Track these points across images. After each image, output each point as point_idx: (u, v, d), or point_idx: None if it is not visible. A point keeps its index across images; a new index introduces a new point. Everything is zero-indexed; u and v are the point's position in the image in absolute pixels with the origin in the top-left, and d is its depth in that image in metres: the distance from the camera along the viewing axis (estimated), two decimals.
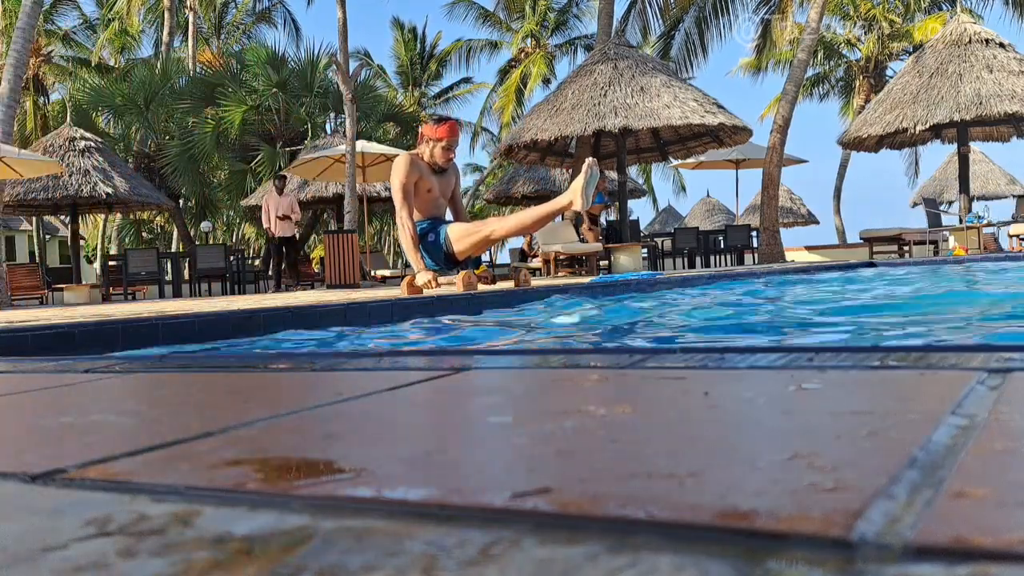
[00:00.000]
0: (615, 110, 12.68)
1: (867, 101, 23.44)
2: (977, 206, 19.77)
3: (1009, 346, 1.16)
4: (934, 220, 13.89)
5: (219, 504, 0.55)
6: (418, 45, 32.26)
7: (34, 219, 25.82)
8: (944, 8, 23.36)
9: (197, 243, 20.40)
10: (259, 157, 18.02)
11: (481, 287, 5.63)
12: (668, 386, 1.02)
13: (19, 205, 16.12)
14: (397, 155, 14.00)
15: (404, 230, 5.65)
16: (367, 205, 15.36)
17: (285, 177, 13.02)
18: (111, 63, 26.12)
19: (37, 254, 26.09)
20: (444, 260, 5.74)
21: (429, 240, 5.73)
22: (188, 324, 3.14)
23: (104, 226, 26.12)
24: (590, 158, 5.27)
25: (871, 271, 7.58)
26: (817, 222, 27.26)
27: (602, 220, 13.51)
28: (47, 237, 33.40)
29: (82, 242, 25.48)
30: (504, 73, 29.16)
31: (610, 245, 13.25)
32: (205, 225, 21.06)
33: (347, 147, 12.96)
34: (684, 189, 36.29)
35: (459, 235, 5.65)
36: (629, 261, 12.91)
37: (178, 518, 0.52)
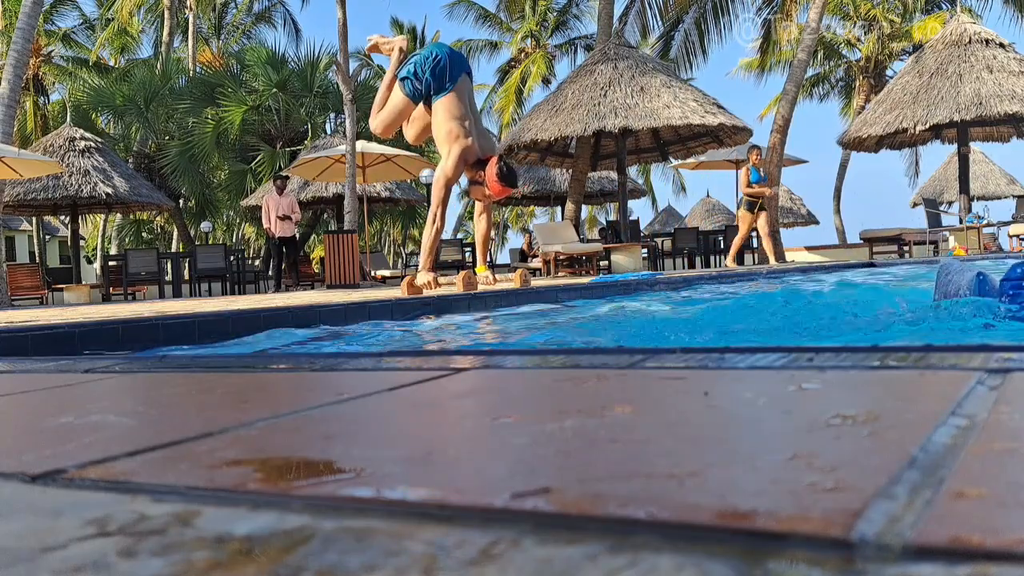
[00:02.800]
0: (615, 110, 12.68)
1: (867, 101, 23.42)
2: (977, 206, 19.76)
3: (1009, 346, 1.16)
4: (934, 220, 13.90)
5: (219, 504, 0.55)
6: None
7: (34, 219, 25.82)
8: (944, 8, 23.35)
9: (197, 243, 20.40)
10: (259, 157, 18.02)
11: (481, 287, 5.63)
12: (668, 386, 1.02)
13: (19, 205, 16.12)
14: (397, 155, 14.10)
15: (431, 225, 5.61)
16: (367, 205, 15.35)
17: (286, 177, 13.01)
18: (111, 63, 26.11)
19: (37, 254, 26.09)
20: None
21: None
22: (190, 324, 3.14)
23: (104, 226, 26.11)
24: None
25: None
26: (817, 222, 27.25)
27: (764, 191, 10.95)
28: (47, 237, 33.40)
29: (82, 242, 25.48)
30: (504, 73, 29.14)
31: (616, 245, 13.23)
32: (205, 225, 21.05)
33: (347, 147, 12.96)
34: (684, 189, 36.31)
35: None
36: (629, 261, 12.91)
37: (178, 518, 0.52)
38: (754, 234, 15.60)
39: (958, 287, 2.33)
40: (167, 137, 19.53)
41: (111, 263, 14.62)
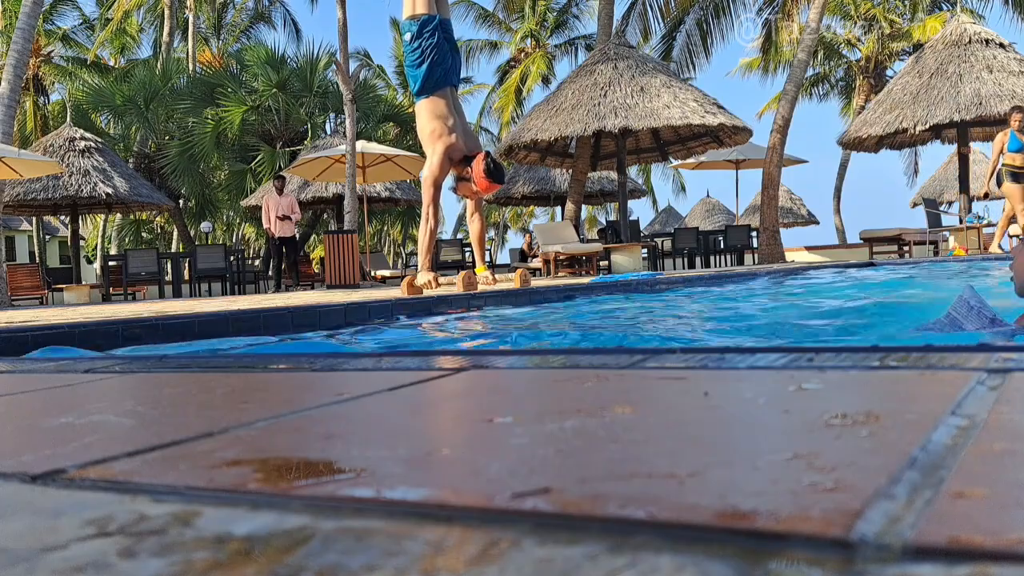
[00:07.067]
0: (615, 110, 12.68)
1: (867, 101, 23.43)
2: (977, 206, 19.74)
3: (1009, 346, 1.16)
4: (934, 220, 13.88)
5: (219, 504, 0.55)
6: None
7: (34, 219, 25.82)
8: (944, 8, 23.35)
9: (197, 243, 20.39)
10: (259, 157, 18.01)
11: (481, 287, 5.63)
12: (668, 386, 1.02)
13: (19, 205, 16.11)
14: (397, 155, 14.10)
15: (425, 224, 5.68)
16: (367, 205, 15.35)
17: (285, 177, 13.01)
18: (111, 63, 26.11)
19: (37, 254, 26.09)
20: None
21: None
22: (189, 323, 3.14)
23: (104, 226, 26.11)
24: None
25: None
26: (817, 222, 27.26)
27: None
28: (47, 237, 33.39)
29: (82, 242, 25.48)
30: (503, 73, 29.13)
31: (616, 245, 13.23)
32: (205, 225, 21.05)
33: (347, 147, 12.95)
34: (684, 189, 36.31)
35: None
36: (629, 261, 12.91)
37: (178, 518, 0.52)
38: (754, 233, 15.61)
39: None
40: (167, 137, 19.53)
41: (111, 263, 14.61)
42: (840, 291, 5.15)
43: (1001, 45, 14.05)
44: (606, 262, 13.41)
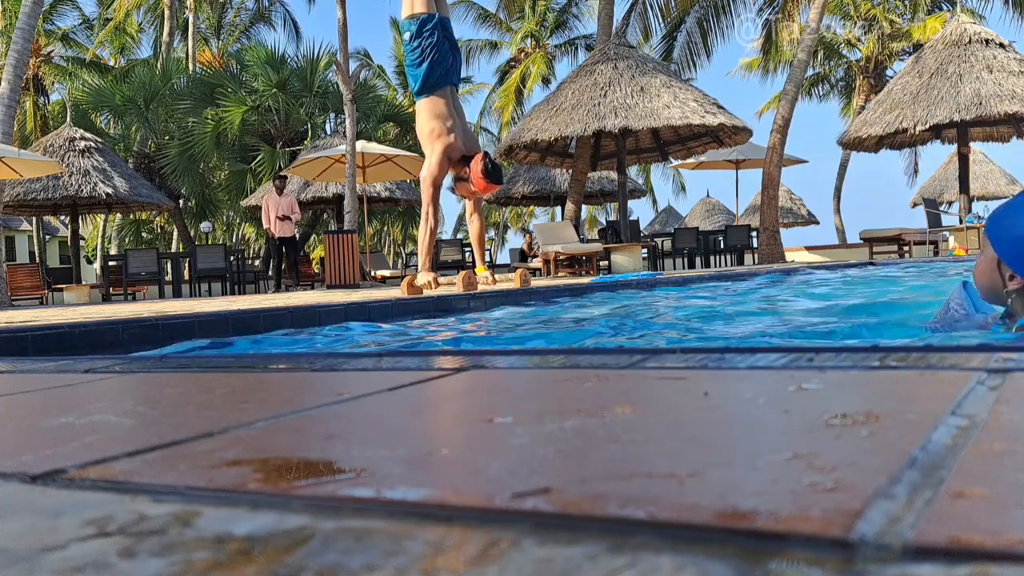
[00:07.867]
0: (615, 110, 12.68)
1: (867, 101, 23.43)
2: (977, 206, 19.78)
3: (1009, 346, 1.16)
4: (934, 220, 13.89)
5: (219, 504, 0.55)
6: None
7: (34, 219, 25.82)
8: (944, 8, 23.34)
9: (197, 243, 20.39)
10: (259, 157, 18.01)
11: (481, 287, 5.63)
12: (668, 386, 1.02)
13: (19, 205, 16.11)
14: (397, 155, 14.09)
15: (425, 224, 5.70)
16: (367, 205, 15.35)
17: (285, 177, 13.01)
18: (110, 63, 26.11)
19: (37, 254, 26.10)
20: None
21: None
22: (190, 324, 3.13)
23: (104, 226, 26.10)
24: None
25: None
26: (817, 222, 27.26)
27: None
28: (47, 237, 33.40)
29: (82, 242, 25.47)
30: (504, 73, 29.12)
31: (616, 245, 13.23)
32: (205, 225, 21.04)
33: (347, 147, 12.95)
34: (684, 189, 36.33)
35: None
36: (629, 261, 12.91)
37: (178, 518, 0.52)
38: (754, 234, 15.60)
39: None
40: (167, 137, 19.53)
41: (111, 263, 14.61)
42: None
43: (1001, 45, 14.04)
44: (606, 262, 13.41)
